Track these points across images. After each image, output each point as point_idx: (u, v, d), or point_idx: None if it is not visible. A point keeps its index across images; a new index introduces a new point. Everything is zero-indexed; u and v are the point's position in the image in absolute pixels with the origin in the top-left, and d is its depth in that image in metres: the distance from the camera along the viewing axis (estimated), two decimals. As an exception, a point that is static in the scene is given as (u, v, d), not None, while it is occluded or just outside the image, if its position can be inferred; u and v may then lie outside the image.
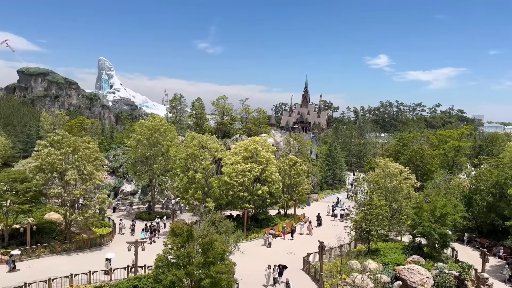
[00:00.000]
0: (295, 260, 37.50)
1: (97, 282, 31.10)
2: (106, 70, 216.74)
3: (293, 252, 40.18)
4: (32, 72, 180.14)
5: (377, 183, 43.75)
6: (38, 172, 39.02)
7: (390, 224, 41.49)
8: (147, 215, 51.90)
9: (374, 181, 44.25)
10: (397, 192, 42.75)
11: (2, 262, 34.83)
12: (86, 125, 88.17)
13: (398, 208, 42.28)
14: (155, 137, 51.55)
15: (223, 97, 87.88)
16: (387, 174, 43.87)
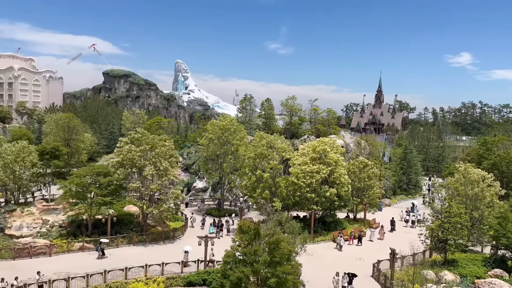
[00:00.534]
0: (364, 266, 36.27)
1: (169, 273, 32.67)
2: (182, 72, 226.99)
3: (362, 258, 38.92)
4: (116, 74, 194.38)
5: (457, 189, 40.75)
6: (119, 167, 42.08)
7: (469, 234, 38.45)
8: (217, 212, 53.53)
9: (453, 187, 41.28)
10: (479, 200, 39.48)
11: (86, 249, 38.12)
12: (163, 124, 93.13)
13: (479, 217, 39.06)
14: (225, 136, 52.97)
15: (292, 98, 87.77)
16: (467, 180, 40.69)
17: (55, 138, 70.58)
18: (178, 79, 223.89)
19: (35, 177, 50.48)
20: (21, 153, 48.12)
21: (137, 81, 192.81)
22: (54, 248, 36.94)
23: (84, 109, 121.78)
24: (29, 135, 77.24)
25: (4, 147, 49.99)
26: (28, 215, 44.27)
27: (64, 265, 33.69)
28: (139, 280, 30.60)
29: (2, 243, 36.94)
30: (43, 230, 40.44)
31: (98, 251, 36.58)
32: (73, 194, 40.45)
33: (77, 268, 32.62)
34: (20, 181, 48.05)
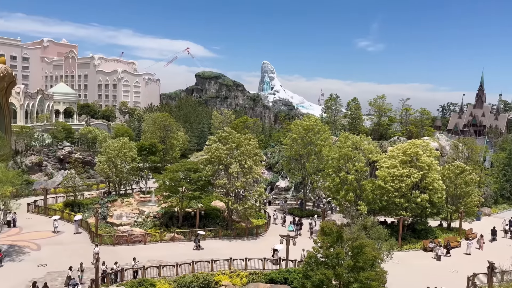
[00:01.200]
0: (457, 279, 33.52)
1: (252, 269, 33.42)
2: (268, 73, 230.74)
3: (455, 270, 35.95)
4: (207, 75, 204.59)
5: None
6: (208, 164, 44.21)
7: None
8: (299, 212, 53.46)
9: None
10: None
11: (176, 239, 40.64)
12: (249, 124, 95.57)
13: None
14: (309, 136, 52.64)
15: (381, 97, 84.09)
16: None
17: (152, 136, 76.41)
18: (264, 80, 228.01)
19: (134, 171, 55.17)
20: (122, 149, 52.88)
21: (226, 82, 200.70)
22: (148, 237, 40.03)
23: (178, 109, 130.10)
24: (129, 132, 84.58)
25: (108, 142, 55.44)
26: (127, 206, 48.55)
27: (157, 254, 36.34)
28: (224, 273, 31.81)
29: (104, 230, 41.00)
30: (139, 220, 44.01)
31: (195, 242, 38.69)
32: (166, 188, 43.49)
33: (167, 257, 34.96)
34: (121, 174, 52.88)
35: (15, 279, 29.67)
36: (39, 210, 48.72)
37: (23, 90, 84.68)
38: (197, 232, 39.87)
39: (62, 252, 35.72)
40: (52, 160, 69.96)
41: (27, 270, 31.30)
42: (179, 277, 30.67)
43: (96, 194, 56.07)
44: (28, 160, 66.43)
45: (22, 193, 50.34)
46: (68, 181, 50.51)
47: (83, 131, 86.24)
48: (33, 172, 65.25)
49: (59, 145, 74.51)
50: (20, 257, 34.32)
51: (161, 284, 29.21)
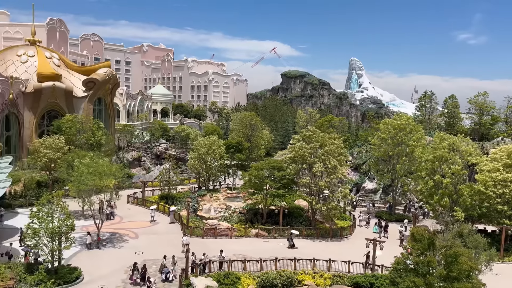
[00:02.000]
0: None
1: (336, 271, 32.85)
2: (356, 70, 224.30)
3: None
4: (292, 75, 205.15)
5: None
6: (292, 163, 44.43)
7: None
8: (387, 215, 51.10)
9: None
10: None
11: (260, 235, 41.48)
12: (334, 123, 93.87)
13: None
14: (399, 136, 50.04)
15: (483, 94, 76.60)
16: None
17: (239, 134, 78.81)
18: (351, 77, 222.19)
19: (221, 168, 57.54)
20: (212, 146, 55.49)
21: (311, 80, 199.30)
22: (234, 232, 41.48)
23: (263, 108, 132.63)
24: (218, 131, 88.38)
25: (199, 140, 58.61)
26: (215, 200, 50.86)
27: (241, 248, 37.52)
28: (307, 273, 31.69)
29: (194, 222, 43.41)
30: (226, 214, 45.79)
31: (289, 241, 38.97)
32: (251, 185, 44.66)
33: (251, 252, 35.94)
34: (210, 170, 55.53)
35: (115, 264, 32.80)
36: (137, 202, 53.24)
37: (125, 92, 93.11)
38: (291, 232, 40.10)
39: (157, 241, 38.63)
40: (150, 155, 76.01)
41: (126, 257, 34.40)
42: (263, 273, 31.27)
43: (188, 188, 59.62)
44: (129, 155, 72.99)
45: (123, 185, 55.43)
46: (163, 175, 54.43)
47: (177, 129, 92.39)
48: (133, 166, 71.56)
49: (156, 142, 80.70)
50: (120, 244, 37.87)
51: (246, 278, 30.06)
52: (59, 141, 50.21)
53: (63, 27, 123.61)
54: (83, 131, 57.92)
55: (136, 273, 29.75)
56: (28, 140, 60.42)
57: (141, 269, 29.87)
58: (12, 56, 68.66)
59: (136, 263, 30.45)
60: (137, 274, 29.69)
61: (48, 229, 27.48)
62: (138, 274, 29.64)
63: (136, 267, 30.00)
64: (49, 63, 68.32)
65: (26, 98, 63.23)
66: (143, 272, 29.63)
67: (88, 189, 37.15)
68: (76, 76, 70.29)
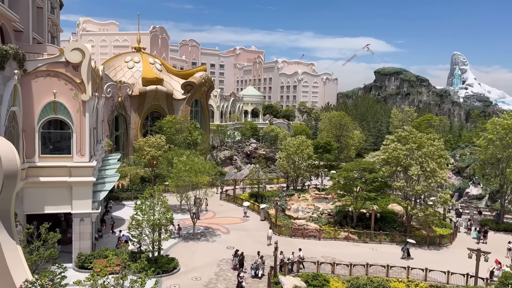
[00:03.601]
0: None
1: (433, 281, 30.62)
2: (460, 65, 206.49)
3: None
4: (387, 72, 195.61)
5: None
6: (385, 165, 42.36)
7: None
8: (494, 225, 46.12)
9: None
10: None
11: (350, 239, 40.28)
12: (434, 122, 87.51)
13: None
14: (510, 137, 44.82)
15: None
16: None
17: (328, 134, 77.70)
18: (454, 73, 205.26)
19: (310, 168, 57.15)
20: (300, 146, 55.40)
21: (408, 77, 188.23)
22: (322, 233, 40.88)
23: (354, 107, 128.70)
24: (307, 131, 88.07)
25: (288, 140, 58.93)
26: (303, 200, 50.66)
27: (330, 250, 36.83)
28: (401, 281, 29.97)
29: (282, 221, 43.71)
30: (314, 215, 45.31)
31: (403, 251, 36.44)
32: (340, 186, 43.62)
33: (340, 255, 35.08)
34: (298, 170, 55.49)
35: (208, 257, 34.46)
36: (229, 199, 55.31)
37: (219, 94, 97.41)
38: (407, 240, 37.98)
39: (247, 238, 39.73)
40: (241, 154, 78.58)
41: (218, 250, 35.94)
42: (353, 277, 30.33)
43: (276, 187, 60.34)
44: (221, 154, 76.25)
45: (216, 182, 58.03)
46: (253, 174, 55.77)
47: (266, 129, 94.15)
48: (225, 165, 74.60)
49: (246, 141, 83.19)
50: (213, 238, 39.67)
51: (335, 281, 29.43)
52: (160, 140, 54.31)
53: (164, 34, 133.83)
54: (181, 131, 61.95)
55: (236, 259, 32.22)
56: (134, 139, 66.53)
57: (239, 255, 32.17)
58: (121, 63, 76.17)
59: (237, 250, 32.79)
60: (236, 260, 32.17)
61: (150, 221, 29.88)
62: (237, 260, 32.05)
63: (237, 254, 32.36)
64: (152, 68, 74.38)
65: (132, 101, 69.70)
66: (241, 259, 31.91)
67: (185, 185, 39.62)
68: (175, 79, 75.48)
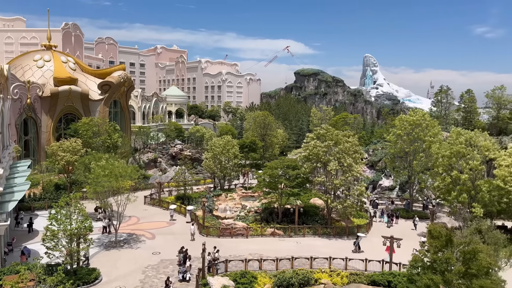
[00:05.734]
0: None
1: (353, 269, 32.60)
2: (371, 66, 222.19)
3: None
4: (306, 73, 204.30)
5: None
6: (306, 161, 44.27)
7: None
8: (405, 213, 50.50)
9: None
10: None
11: (276, 234, 41.45)
12: (349, 120, 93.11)
13: None
14: (415, 132, 49.38)
15: (500, 88, 75.15)
16: None
17: (253, 133, 78.99)
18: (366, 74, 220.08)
19: (236, 167, 57.71)
20: (226, 146, 55.68)
21: (325, 78, 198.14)
22: (250, 231, 41.55)
23: (277, 107, 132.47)
24: (232, 131, 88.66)
25: (214, 140, 58.89)
26: (230, 200, 51.00)
27: (257, 247, 37.57)
28: (324, 271, 31.51)
29: (210, 222, 43.63)
30: (242, 214, 45.87)
31: (355, 245, 37.88)
32: (266, 184, 44.69)
33: (268, 251, 35.94)
34: (225, 170, 55.74)
35: (133, 265, 33.21)
36: (154, 203, 53.78)
37: (140, 94, 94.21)
38: (357, 235, 39.59)
39: (174, 242, 38.92)
40: (166, 156, 76.78)
41: (143, 257, 34.81)
42: (279, 271, 31.25)
43: (203, 188, 59.98)
44: (145, 156, 73.86)
45: (139, 186, 56.10)
46: (179, 176, 54.81)
47: (192, 130, 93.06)
48: (149, 167, 72.38)
49: (171, 143, 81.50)
50: (137, 244, 38.31)
51: (262, 277, 30.08)
52: (76, 144, 51.07)
53: (78, 32, 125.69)
54: (99, 134, 58.79)
55: (180, 255, 33.10)
56: (46, 144, 61.67)
57: (184, 252, 33.13)
58: (29, 61, 70.18)
59: (182, 247, 33.83)
60: (180, 256, 33.06)
61: (66, 231, 28.00)
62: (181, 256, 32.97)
63: (182, 251, 33.34)
64: (65, 67, 69.59)
65: (43, 102, 64.57)
66: (184, 255, 32.75)
67: (105, 191, 37.73)
68: (91, 79, 71.43)
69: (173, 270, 32.06)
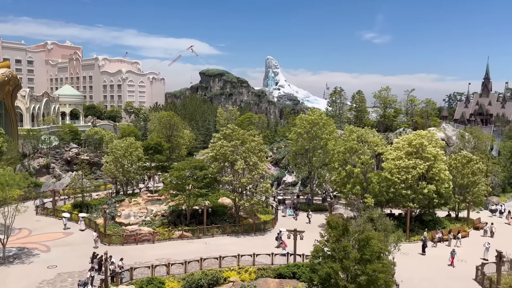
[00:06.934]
0: (466, 268, 33.40)
1: (260, 264, 33.56)
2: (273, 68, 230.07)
3: (464, 260, 35.74)
4: (211, 73, 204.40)
5: None
6: (213, 161, 44.34)
7: None
8: (306, 206, 53.44)
9: None
10: None
11: (185, 237, 40.86)
12: (254, 120, 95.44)
13: None
14: (314, 130, 52.54)
15: (386, 89, 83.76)
16: None
17: (158, 135, 76.59)
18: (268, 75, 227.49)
19: (140, 170, 55.49)
20: (129, 149, 53.20)
21: (230, 79, 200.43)
22: (156, 236, 40.29)
23: (183, 107, 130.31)
24: (136, 132, 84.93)
25: (115, 143, 55.79)
26: (135, 205, 48.90)
27: (165, 252, 36.60)
28: (232, 269, 31.95)
29: (113, 230, 41.33)
30: (147, 219, 44.31)
31: (277, 240, 39.02)
32: (173, 186, 43.71)
33: (176, 255, 35.21)
34: (128, 174, 53.22)
35: (25, 281, 30.05)
36: (48, 212, 49.20)
37: (28, 93, 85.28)
38: (279, 229, 40.18)
39: (72, 253, 36.11)
40: (60, 162, 70.61)
41: (37, 272, 31.67)
42: (188, 274, 30.87)
43: (104, 194, 56.50)
44: (35, 162, 67.09)
45: (30, 195, 50.88)
46: (76, 182, 50.95)
47: (89, 132, 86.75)
48: (41, 174, 65.94)
49: (66, 147, 75.14)
50: (30, 259, 34.72)
51: (170, 282, 29.43)
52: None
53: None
54: (-21, 139, 51.85)
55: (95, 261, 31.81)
56: None
57: (98, 258, 31.76)
58: None
59: (94, 252, 33.02)
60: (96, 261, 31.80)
61: None
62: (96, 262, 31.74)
63: (95, 256, 32.22)
64: None
65: None
66: (99, 261, 31.54)
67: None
68: (-33, 77, 62.69)
69: (72, 283, 29.68)
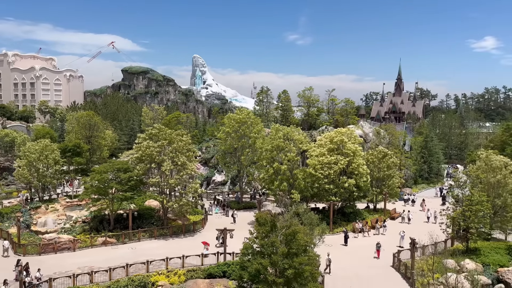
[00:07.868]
0: (384, 256, 36.05)
1: (190, 266, 33.14)
2: (200, 67, 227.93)
3: (383, 248, 38.48)
4: (135, 71, 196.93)
5: (478, 177, 39.92)
6: (139, 163, 42.78)
7: (492, 222, 37.74)
8: (235, 204, 53.87)
9: (475, 175, 40.50)
10: (502, 187, 38.53)
11: (109, 243, 38.99)
12: (182, 119, 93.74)
13: (502, 204, 38.16)
14: (242, 129, 53.09)
15: (309, 89, 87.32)
16: (489, 168, 39.77)
17: (77, 136, 72.06)
18: (196, 74, 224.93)
19: (58, 174, 51.81)
20: (44, 151, 49.40)
21: (155, 77, 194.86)
22: (77, 243, 37.94)
23: (104, 106, 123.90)
24: (52, 134, 79.00)
25: (28, 145, 51.45)
26: (53, 212, 45.59)
27: (88, 260, 34.58)
28: (161, 273, 31.18)
29: (28, 239, 38.13)
30: (67, 225, 41.56)
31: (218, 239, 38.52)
32: (94, 190, 41.39)
33: (100, 262, 33.43)
34: (44, 179, 49.39)
35: None
36: (-51, 225, 43.99)
37: None
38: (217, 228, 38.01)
39: (-21, 268, 32.71)
40: (-38, 168, 63.47)
41: None
42: (113, 281, 29.55)
43: (17, 201, 51.83)
44: None
45: None
46: (-17, 190, 46.16)
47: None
48: None
49: (-31, 151, 67.72)
50: None
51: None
52: None
53: None
54: None
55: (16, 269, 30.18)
56: None
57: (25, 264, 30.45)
58: None
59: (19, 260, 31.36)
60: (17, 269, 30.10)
61: None
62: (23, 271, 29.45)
63: (19, 264, 30.53)
64: None
65: None
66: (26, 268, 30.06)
67: None
68: None
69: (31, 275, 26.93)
